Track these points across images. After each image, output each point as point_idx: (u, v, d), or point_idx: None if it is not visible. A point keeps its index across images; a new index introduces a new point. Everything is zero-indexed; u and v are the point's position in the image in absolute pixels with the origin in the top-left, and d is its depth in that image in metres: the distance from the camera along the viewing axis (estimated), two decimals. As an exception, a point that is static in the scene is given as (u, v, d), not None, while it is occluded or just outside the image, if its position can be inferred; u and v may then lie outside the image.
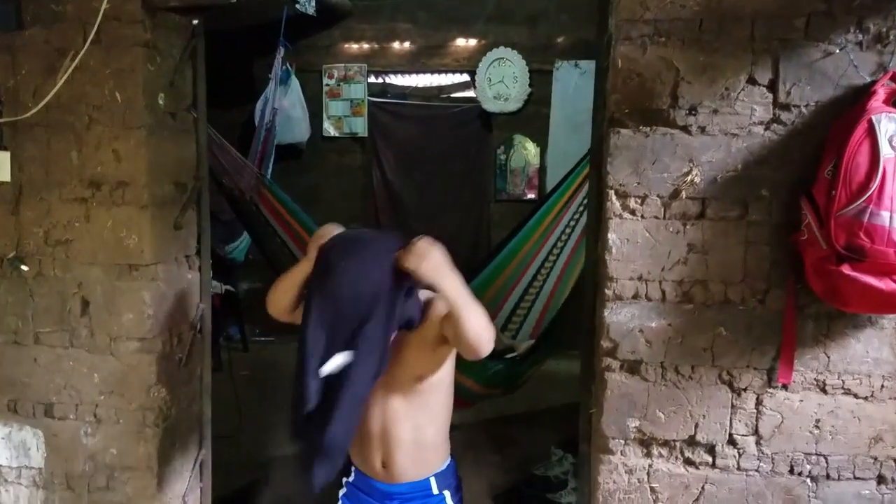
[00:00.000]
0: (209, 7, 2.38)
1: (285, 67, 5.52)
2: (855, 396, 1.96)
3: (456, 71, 6.18)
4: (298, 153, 6.12)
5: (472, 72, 5.98)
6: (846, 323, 1.93)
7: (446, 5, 5.96)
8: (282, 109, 5.45)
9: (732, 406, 2.01)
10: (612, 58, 1.98)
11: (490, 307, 3.20)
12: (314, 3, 2.52)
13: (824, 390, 1.97)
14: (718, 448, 2.03)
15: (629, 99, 1.96)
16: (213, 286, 3.06)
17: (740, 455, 2.02)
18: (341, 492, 2.14)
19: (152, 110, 2.31)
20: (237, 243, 5.17)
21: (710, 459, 2.04)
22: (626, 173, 1.97)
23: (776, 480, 2.02)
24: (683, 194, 1.95)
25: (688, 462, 2.06)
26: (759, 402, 2.00)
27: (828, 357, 1.95)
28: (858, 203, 1.69)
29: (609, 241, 2.00)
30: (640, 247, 1.99)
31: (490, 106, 5.98)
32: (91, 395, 2.41)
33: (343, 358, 1.67)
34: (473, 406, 3.77)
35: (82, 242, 2.35)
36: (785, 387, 1.98)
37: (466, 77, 6.15)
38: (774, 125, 1.91)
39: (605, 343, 2.04)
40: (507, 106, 5.96)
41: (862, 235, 1.69)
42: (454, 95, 6.35)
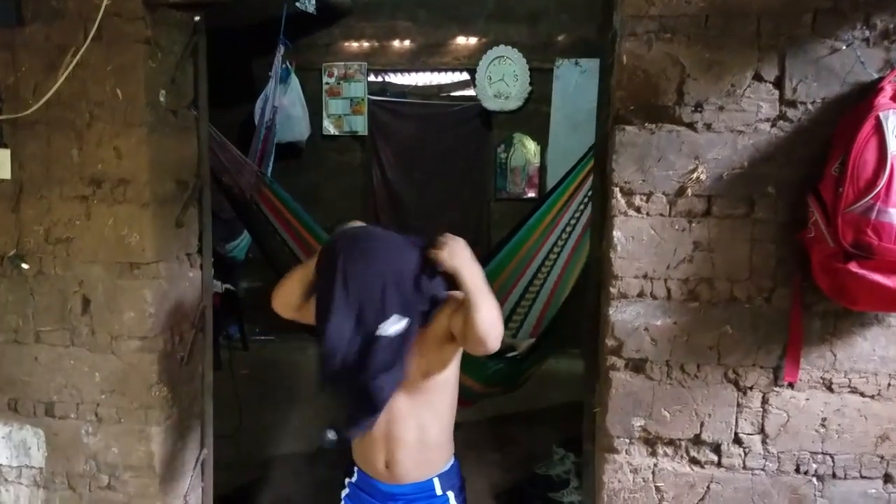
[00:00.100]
0: (210, 3, 2.37)
1: (285, 66, 5.51)
2: (861, 395, 1.95)
3: (456, 69, 6.16)
4: (298, 152, 6.11)
5: (473, 70, 5.96)
6: (853, 321, 1.92)
7: (446, 3, 5.94)
8: (281, 108, 5.44)
9: (738, 405, 2.00)
10: (617, 54, 1.97)
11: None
12: (314, 1, 2.52)
13: (831, 389, 1.96)
14: (724, 447, 2.02)
15: (634, 96, 1.95)
16: (213, 285, 3.05)
17: (746, 454, 2.01)
18: (344, 492, 2.12)
19: (153, 107, 2.30)
20: (237, 242, 5.15)
21: (716, 458, 2.03)
22: (632, 171, 1.96)
23: (782, 479, 2.01)
24: (689, 192, 1.94)
25: (693, 461, 2.04)
26: (765, 401, 1.98)
27: (834, 355, 1.94)
28: (866, 200, 1.68)
29: (614, 239, 1.99)
30: (646, 245, 1.98)
31: (490, 104, 5.97)
32: (92, 394, 2.39)
33: (400, 322, 1.79)
34: (474, 405, 3.75)
35: (83, 240, 2.33)
36: (791, 385, 1.97)
37: (466, 75, 6.13)
38: (781, 122, 1.90)
39: (610, 342, 2.03)
40: (508, 104, 5.95)
41: (870, 233, 1.67)
42: (454, 94, 6.34)
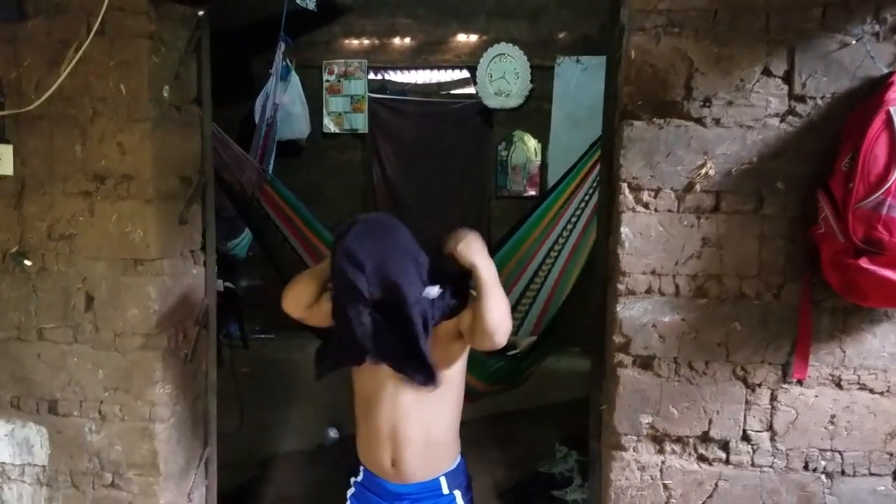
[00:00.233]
0: (213, -1, 2.36)
1: (285, 63, 5.50)
2: (871, 392, 1.94)
3: (457, 67, 6.16)
4: (298, 150, 6.10)
5: (473, 68, 5.96)
6: (862, 317, 1.91)
7: (447, 1, 5.94)
8: (282, 105, 5.42)
9: (747, 402, 1.99)
10: (625, 49, 1.96)
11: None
12: (314, -1, 2.50)
13: (840, 385, 1.94)
14: (732, 444, 2.01)
15: (642, 90, 1.93)
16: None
17: (754, 451, 2.00)
18: (350, 492, 2.12)
19: (157, 103, 2.28)
20: (239, 240, 5.14)
21: (724, 456, 2.02)
22: (640, 166, 1.95)
23: (791, 477, 2.00)
24: (698, 187, 1.93)
25: (701, 458, 2.03)
26: (774, 398, 1.97)
27: (843, 352, 1.93)
28: (877, 195, 1.66)
29: (622, 235, 1.97)
30: (654, 241, 1.97)
31: (491, 102, 5.96)
32: (96, 392, 2.37)
33: (435, 290, 1.87)
34: (475, 403, 3.75)
35: (86, 237, 2.31)
36: (800, 382, 1.95)
37: (467, 73, 6.12)
38: (790, 117, 1.88)
39: (618, 338, 2.01)
40: (508, 102, 5.94)
41: (880, 228, 1.66)
42: (455, 91, 6.33)
